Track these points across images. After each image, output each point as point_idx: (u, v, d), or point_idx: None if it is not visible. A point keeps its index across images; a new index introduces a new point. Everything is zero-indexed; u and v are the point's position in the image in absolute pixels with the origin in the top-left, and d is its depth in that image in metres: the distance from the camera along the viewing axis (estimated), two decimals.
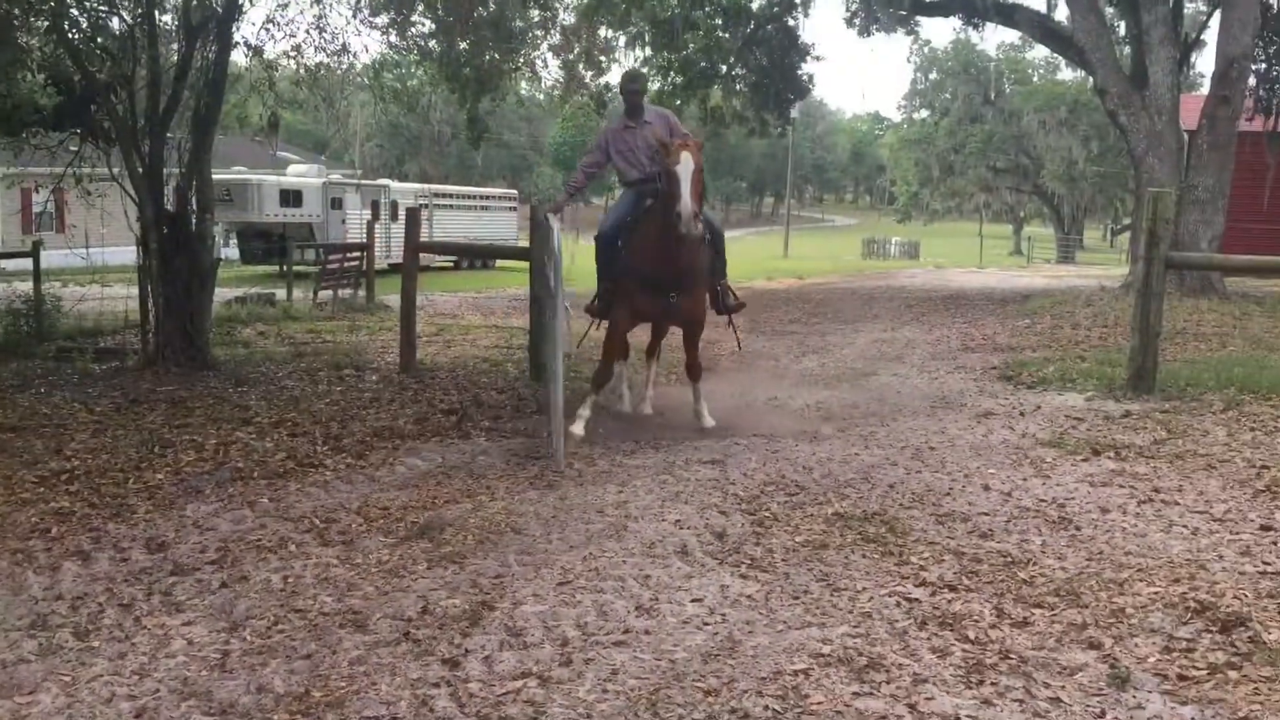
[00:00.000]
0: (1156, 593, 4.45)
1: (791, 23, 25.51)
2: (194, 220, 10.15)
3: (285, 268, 23.40)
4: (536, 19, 17.11)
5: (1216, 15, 20.03)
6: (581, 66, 21.76)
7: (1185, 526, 5.41)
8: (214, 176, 11.30)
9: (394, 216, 32.32)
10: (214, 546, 5.16)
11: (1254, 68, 20.52)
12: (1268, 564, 4.81)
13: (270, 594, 4.53)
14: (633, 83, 8.46)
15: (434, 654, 3.88)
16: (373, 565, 4.87)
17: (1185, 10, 23.63)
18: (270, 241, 30.58)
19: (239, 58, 13.15)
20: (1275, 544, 5.10)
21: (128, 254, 11.72)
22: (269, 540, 5.25)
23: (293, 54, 12.87)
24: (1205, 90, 20.82)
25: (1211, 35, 20.97)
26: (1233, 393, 8.79)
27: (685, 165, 7.20)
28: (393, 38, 14.00)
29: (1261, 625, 4.05)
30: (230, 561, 4.94)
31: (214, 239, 10.75)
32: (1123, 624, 4.13)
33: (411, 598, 4.45)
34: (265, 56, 12.86)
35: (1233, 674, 3.67)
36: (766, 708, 3.46)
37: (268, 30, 12.24)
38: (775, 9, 25.07)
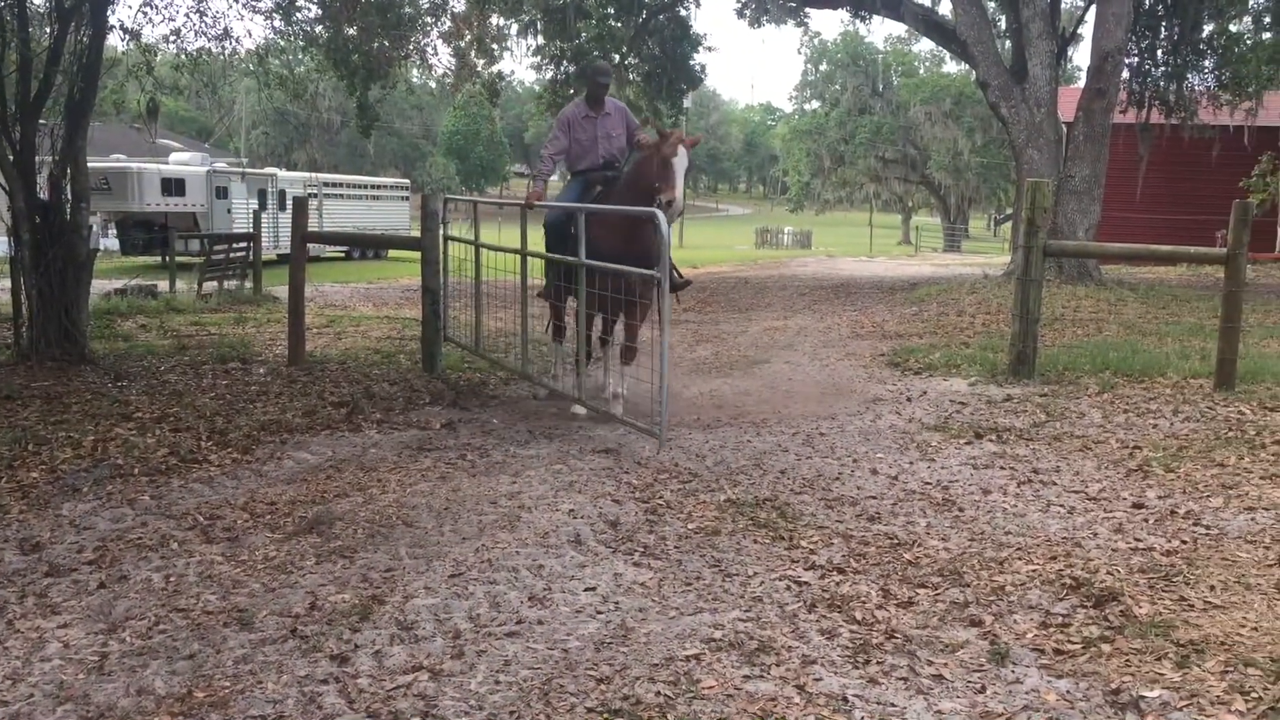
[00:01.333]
0: (1034, 570, 4.59)
1: (683, 13, 25.69)
2: (69, 209, 9.79)
3: (168, 258, 22.75)
4: (426, 5, 16.92)
5: (1092, 10, 20.69)
6: (473, 54, 21.59)
7: (1062, 506, 5.60)
8: (91, 164, 10.93)
9: (282, 206, 31.69)
10: (92, 546, 4.99)
11: (1127, 62, 21.26)
12: (1139, 540, 5.00)
13: (151, 593, 4.40)
14: (603, 76, 8.66)
15: (322, 650, 3.82)
16: (259, 561, 4.77)
17: (1063, 5, 24.35)
18: (152, 231, 29.72)
19: (115, 41, 12.75)
20: (1146, 521, 5.31)
21: None
22: (150, 539, 5.10)
23: (172, 38, 12.52)
24: (1082, 83, 21.49)
25: (1088, 30, 21.71)
26: (1107, 376, 9.12)
27: (681, 159, 7.50)
28: (277, 22, 13.71)
29: (1133, 600, 4.22)
30: (109, 561, 4.79)
31: (91, 229, 10.38)
32: (1002, 601, 4.26)
33: (299, 594, 4.37)
34: (143, 41, 12.49)
35: (1105, 647, 3.81)
36: (659, 694, 3.49)
37: (145, 14, 11.87)
38: None
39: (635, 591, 4.40)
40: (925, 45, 66.20)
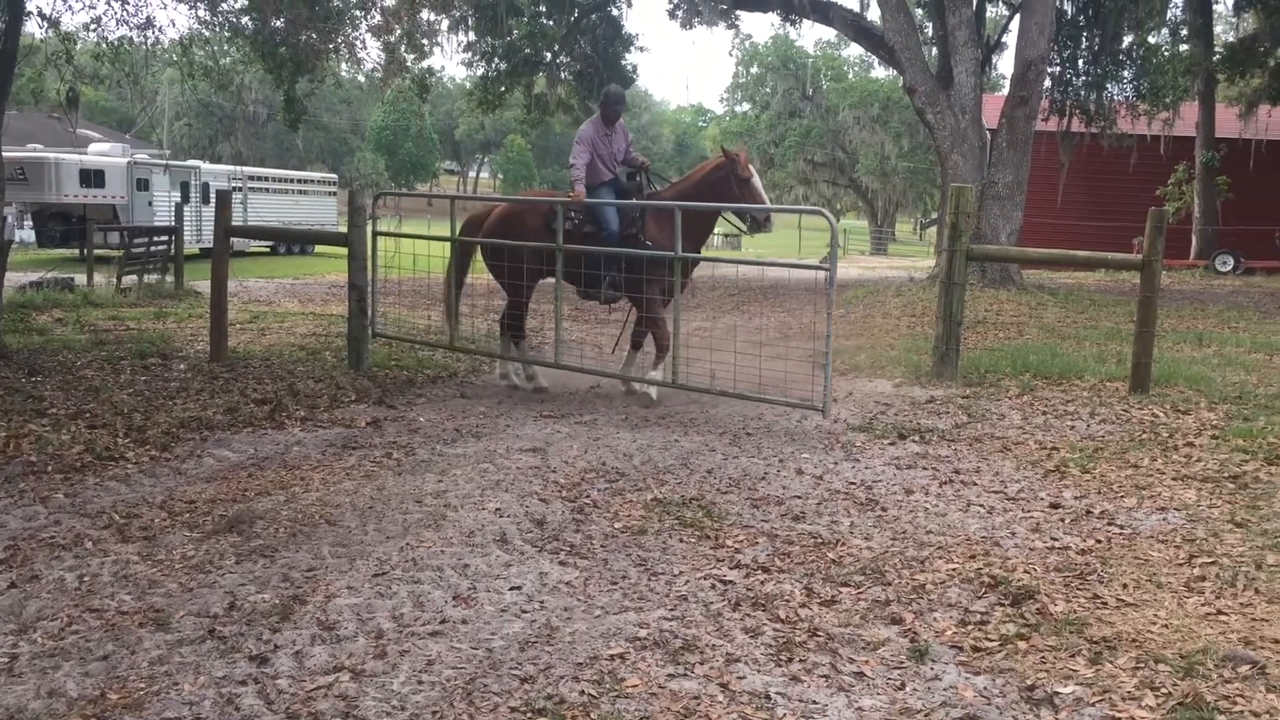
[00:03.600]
0: (954, 569, 4.67)
1: (615, 12, 25.69)
2: None
3: (86, 251, 22.21)
4: None
5: (1016, 19, 21.08)
6: (403, 49, 21.40)
7: (982, 506, 5.70)
8: (7, 154, 10.65)
9: (205, 199, 31.12)
10: (2, 545, 4.86)
11: (1050, 71, 21.69)
12: (1055, 540, 5.11)
13: (64, 593, 4.30)
14: (620, 102, 9.55)
15: (241, 651, 3.76)
16: (177, 561, 4.68)
17: (988, 14, 24.80)
18: (70, 223, 28.99)
19: (34, 29, 12.43)
20: (1063, 521, 5.43)
21: None
22: (63, 537, 4.98)
23: (93, 26, 12.26)
24: (1006, 91, 21.88)
25: (1012, 39, 22.10)
26: (1027, 379, 9.30)
27: (757, 179, 9.00)
28: (202, 12, 13.47)
29: (1048, 598, 4.31)
30: (20, 560, 4.67)
31: (5, 220, 10.10)
32: (923, 600, 4.32)
33: (218, 593, 4.29)
34: (62, 28, 12.20)
35: (1022, 644, 3.89)
36: (583, 693, 3.49)
37: (65, 1, 11.60)
38: None
39: (561, 590, 4.40)
40: (854, 50, 66.95)
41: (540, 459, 6.62)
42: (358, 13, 16.92)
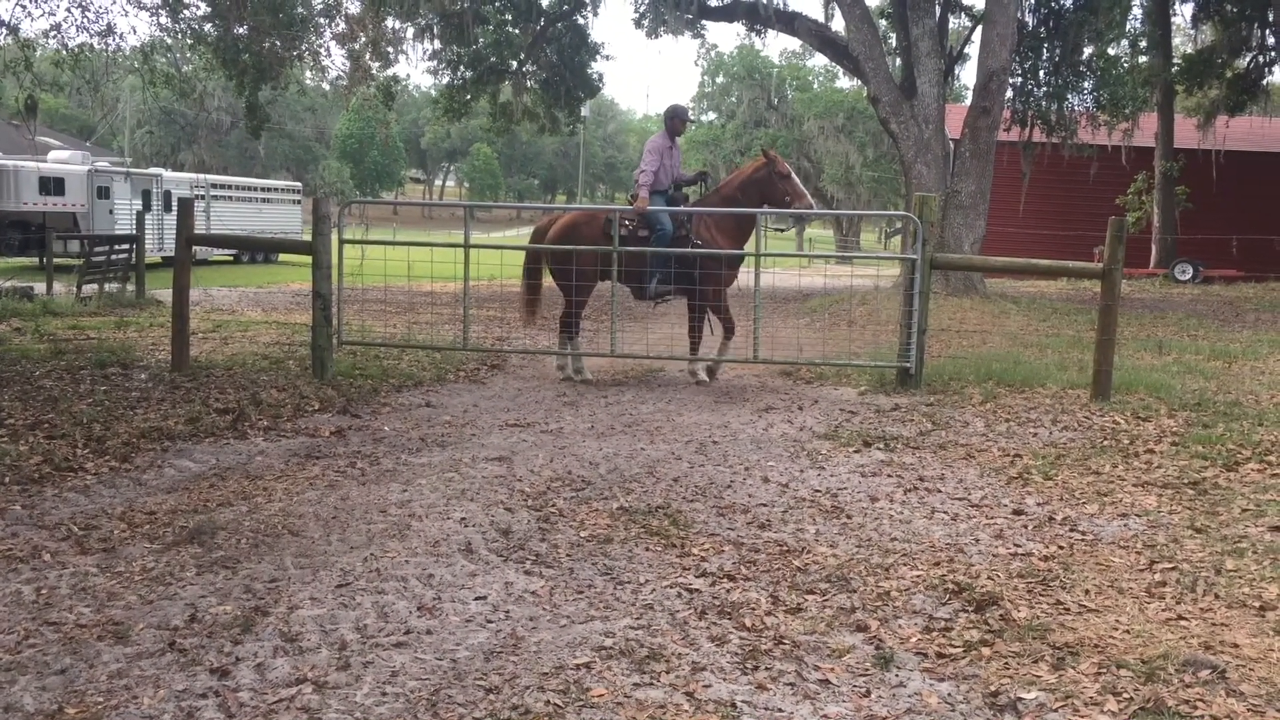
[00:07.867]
0: (919, 576, 4.69)
1: (581, 21, 25.72)
2: None
3: (45, 260, 21.95)
4: (319, 6, 16.67)
5: (978, 31, 21.28)
6: (368, 57, 21.33)
7: (946, 513, 5.73)
8: None
9: (167, 207, 30.86)
10: None
11: (1011, 81, 21.91)
12: (1019, 546, 5.15)
13: (20, 606, 4.23)
14: (687, 117, 10.60)
15: (201, 663, 3.72)
16: (136, 573, 4.62)
17: (950, 25, 25.00)
18: (28, 232, 28.66)
19: None
20: (1026, 527, 5.47)
21: None
22: (20, 549, 4.90)
23: (52, 33, 12.14)
24: (969, 102, 22.07)
25: (974, 50, 22.32)
26: (990, 386, 9.38)
27: (794, 174, 10.08)
28: (163, 19, 13.38)
29: (1011, 604, 4.33)
30: None
31: None
32: (888, 606, 4.34)
33: (179, 605, 4.24)
34: (21, 35, 12.07)
35: (985, 651, 3.91)
36: (548, 703, 3.47)
37: (24, 7, 11.48)
38: (565, 7, 25.20)
39: (526, 600, 4.38)
40: (819, 61, 67.31)
41: (506, 468, 6.60)
42: (322, 20, 16.84)
